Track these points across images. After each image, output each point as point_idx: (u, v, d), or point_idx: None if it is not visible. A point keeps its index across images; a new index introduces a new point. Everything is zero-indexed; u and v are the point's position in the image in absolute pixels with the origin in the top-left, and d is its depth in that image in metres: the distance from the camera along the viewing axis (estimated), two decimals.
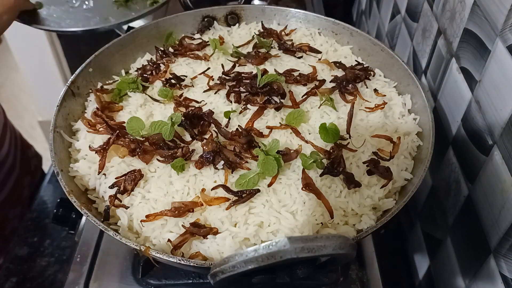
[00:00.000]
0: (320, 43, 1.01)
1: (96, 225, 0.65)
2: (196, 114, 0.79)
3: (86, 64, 0.88)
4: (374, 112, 0.83)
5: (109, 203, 0.70)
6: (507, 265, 0.68)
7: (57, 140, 0.77)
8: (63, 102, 0.82)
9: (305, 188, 0.68)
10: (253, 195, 0.68)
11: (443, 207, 0.92)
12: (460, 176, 0.84)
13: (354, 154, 0.75)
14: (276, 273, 0.55)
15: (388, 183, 0.73)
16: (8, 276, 0.99)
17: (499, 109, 0.70)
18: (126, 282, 0.84)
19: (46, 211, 1.12)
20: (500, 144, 0.70)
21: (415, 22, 1.08)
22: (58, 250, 1.03)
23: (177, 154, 0.73)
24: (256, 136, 0.77)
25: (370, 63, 0.96)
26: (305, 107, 0.83)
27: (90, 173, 0.75)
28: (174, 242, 0.64)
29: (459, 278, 0.84)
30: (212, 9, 1.06)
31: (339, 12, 1.85)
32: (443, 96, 0.92)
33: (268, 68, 0.91)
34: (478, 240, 0.76)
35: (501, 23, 0.69)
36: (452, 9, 0.87)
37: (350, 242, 0.49)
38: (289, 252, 0.47)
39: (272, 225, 0.66)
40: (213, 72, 0.92)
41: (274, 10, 1.06)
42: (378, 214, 0.72)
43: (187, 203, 0.68)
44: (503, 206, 0.69)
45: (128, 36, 0.97)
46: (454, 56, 0.86)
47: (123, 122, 0.79)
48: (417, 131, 0.81)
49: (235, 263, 0.49)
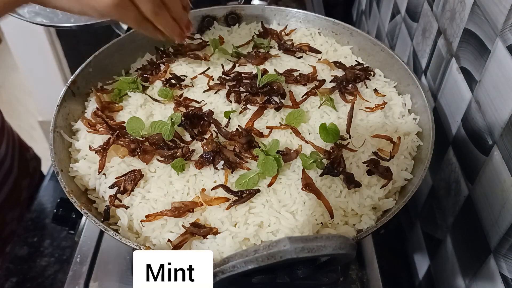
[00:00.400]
0: (320, 43, 1.01)
1: (96, 225, 0.65)
2: (196, 114, 0.79)
3: (86, 64, 0.88)
4: (374, 112, 0.83)
5: (109, 203, 0.70)
6: (507, 265, 0.68)
7: (57, 140, 0.77)
8: (63, 102, 0.82)
9: (305, 188, 0.68)
10: (253, 195, 0.68)
11: (443, 207, 0.92)
12: (460, 176, 0.84)
13: (354, 154, 0.75)
14: (276, 273, 0.55)
15: (388, 183, 0.73)
16: (8, 276, 0.99)
17: (499, 109, 0.70)
18: (126, 282, 0.84)
19: (46, 211, 1.12)
20: (500, 144, 0.70)
21: (415, 22, 1.08)
22: (58, 250, 1.03)
23: (177, 154, 0.73)
24: (256, 136, 0.77)
25: (370, 63, 0.96)
26: (305, 107, 0.83)
27: (90, 173, 0.75)
28: (174, 242, 0.64)
29: (459, 278, 0.84)
30: (212, 9, 1.06)
31: (339, 12, 1.85)
32: (443, 96, 0.92)
33: (268, 68, 0.91)
34: (478, 240, 0.76)
35: (501, 23, 0.69)
36: (452, 9, 0.87)
37: (350, 242, 0.50)
38: (289, 252, 0.47)
39: (272, 225, 0.66)
40: (213, 72, 0.92)
41: (274, 10, 1.06)
42: (378, 214, 0.72)
43: (187, 203, 0.68)
44: (503, 206, 0.69)
45: (128, 36, 0.97)
46: (454, 56, 0.86)
47: (123, 122, 0.79)
48: (417, 131, 0.81)
49: (235, 263, 0.49)
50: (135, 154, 0.74)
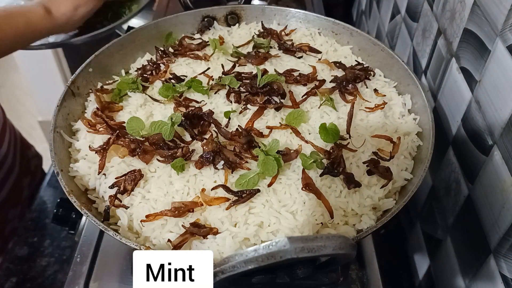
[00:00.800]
0: (320, 43, 1.01)
1: (96, 225, 0.65)
2: (196, 114, 0.79)
3: (86, 64, 0.88)
4: (374, 112, 0.83)
5: (109, 203, 0.70)
6: (507, 265, 0.68)
7: (57, 140, 0.77)
8: (63, 102, 0.82)
9: (305, 188, 0.68)
10: (253, 195, 0.68)
11: (443, 207, 0.92)
12: (460, 176, 0.84)
13: (354, 154, 0.75)
14: (276, 273, 0.55)
15: (388, 183, 0.73)
16: (8, 276, 0.99)
17: (499, 109, 0.70)
18: (126, 282, 0.84)
19: (46, 211, 1.12)
20: (500, 144, 0.70)
21: (415, 22, 1.08)
22: (58, 250, 1.03)
23: (177, 154, 0.73)
24: (256, 136, 0.77)
25: (370, 63, 0.96)
26: (305, 107, 0.83)
27: (90, 173, 0.75)
28: (174, 242, 0.64)
29: (459, 278, 0.84)
30: (212, 9, 1.06)
31: (339, 12, 1.85)
32: (443, 96, 0.92)
33: (268, 68, 0.91)
34: (478, 240, 0.76)
35: (501, 23, 0.69)
36: (452, 9, 0.87)
37: (350, 242, 0.50)
38: (289, 252, 0.47)
39: (272, 225, 0.66)
40: (213, 72, 0.92)
41: (274, 10, 1.06)
42: (378, 214, 0.72)
43: (187, 203, 0.68)
44: (503, 206, 0.69)
45: (128, 36, 0.97)
46: (454, 56, 0.86)
47: (123, 122, 0.79)
48: (417, 131, 0.81)
49: (235, 263, 0.49)
50: (135, 154, 0.74)
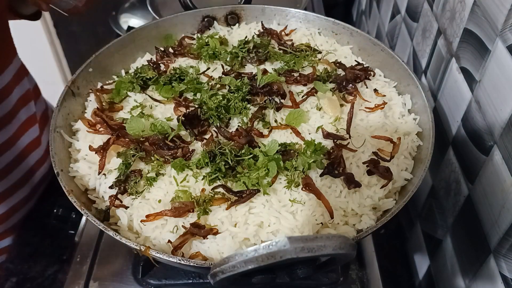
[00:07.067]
0: (320, 43, 1.01)
1: (96, 225, 0.65)
2: (196, 114, 0.79)
3: (86, 64, 0.88)
4: (374, 112, 0.83)
5: (109, 203, 0.70)
6: (507, 265, 0.68)
7: (57, 140, 0.77)
8: (63, 102, 0.82)
9: (305, 188, 0.68)
10: (253, 195, 0.68)
11: (443, 207, 0.92)
12: (460, 176, 0.84)
13: (354, 154, 0.75)
14: (276, 273, 0.55)
15: (388, 183, 0.73)
16: (8, 276, 0.99)
17: (499, 109, 0.70)
18: (126, 282, 0.84)
19: (46, 211, 1.12)
20: (500, 144, 0.70)
21: (415, 22, 1.08)
22: (58, 250, 1.03)
23: (177, 154, 0.73)
24: (256, 136, 0.77)
25: (370, 63, 0.96)
26: (305, 107, 0.83)
27: (90, 173, 0.75)
28: (175, 243, 0.64)
29: (459, 278, 0.84)
30: (212, 9, 1.06)
31: (339, 12, 1.85)
32: (443, 96, 0.92)
33: (268, 68, 0.91)
34: (478, 240, 0.76)
35: (501, 23, 0.69)
36: (452, 9, 0.87)
37: (350, 242, 0.49)
38: (289, 252, 0.47)
39: (272, 225, 0.66)
40: (213, 72, 0.92)
41: (274, 10, 1.06)
42: (378, 214, 0.72)
43: (187, 203, 0.68)
44: (503, 206, 0.69)
45: (128, 36, 0.97)
46: (454, 56, 0.86)
47: (123, 122, 0.79)
48: (417, 131, 0.81)
49: (235, 263, 0.49)
50: (135, 154, 0.74)
